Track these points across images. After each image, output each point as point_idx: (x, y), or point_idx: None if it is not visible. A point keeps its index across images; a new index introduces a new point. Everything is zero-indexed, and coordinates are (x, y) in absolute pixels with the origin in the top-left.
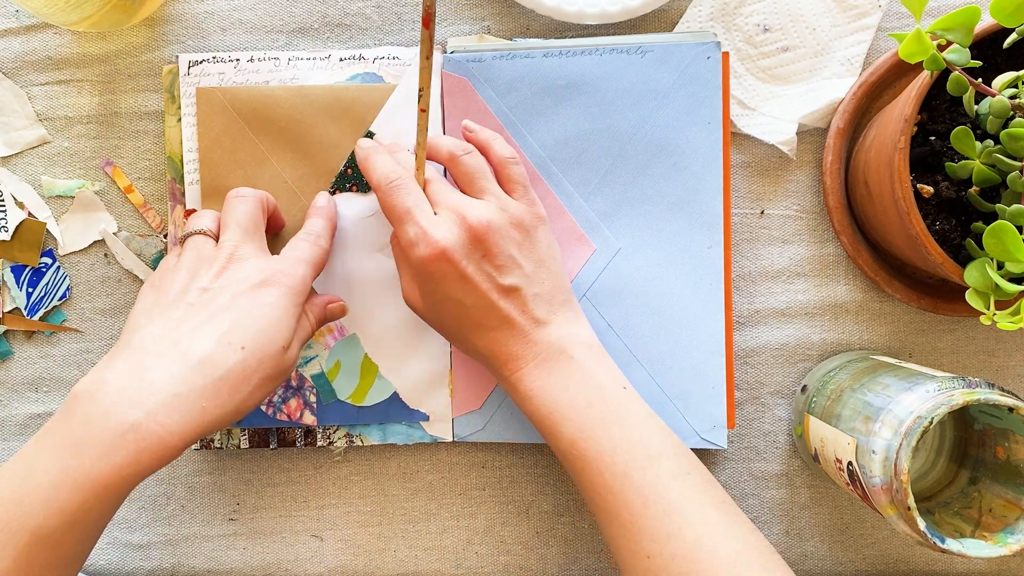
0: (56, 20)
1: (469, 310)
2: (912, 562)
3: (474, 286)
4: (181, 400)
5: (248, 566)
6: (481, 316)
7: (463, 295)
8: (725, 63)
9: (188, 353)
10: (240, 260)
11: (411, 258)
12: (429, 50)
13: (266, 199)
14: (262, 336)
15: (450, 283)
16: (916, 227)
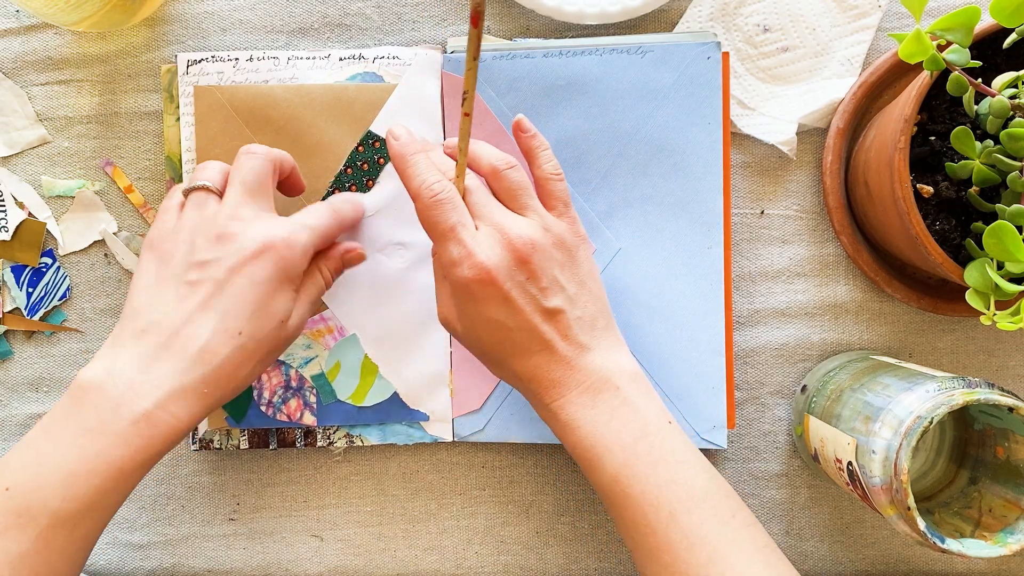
0: (56, 20)
1: (511, 333)
2: (912, 562)
3: (517, 308)
4: (185, 390)
5: (248, 566)
6: (523, 339)
7: (506, 317)
8: (725, 63)
9: (188, 345)
10: (240, 221)
11: (453, 277)
12: (477, 51)
13: (280, 159)
14: (257, 319)
15: (492, 305)
16: (916, 227)
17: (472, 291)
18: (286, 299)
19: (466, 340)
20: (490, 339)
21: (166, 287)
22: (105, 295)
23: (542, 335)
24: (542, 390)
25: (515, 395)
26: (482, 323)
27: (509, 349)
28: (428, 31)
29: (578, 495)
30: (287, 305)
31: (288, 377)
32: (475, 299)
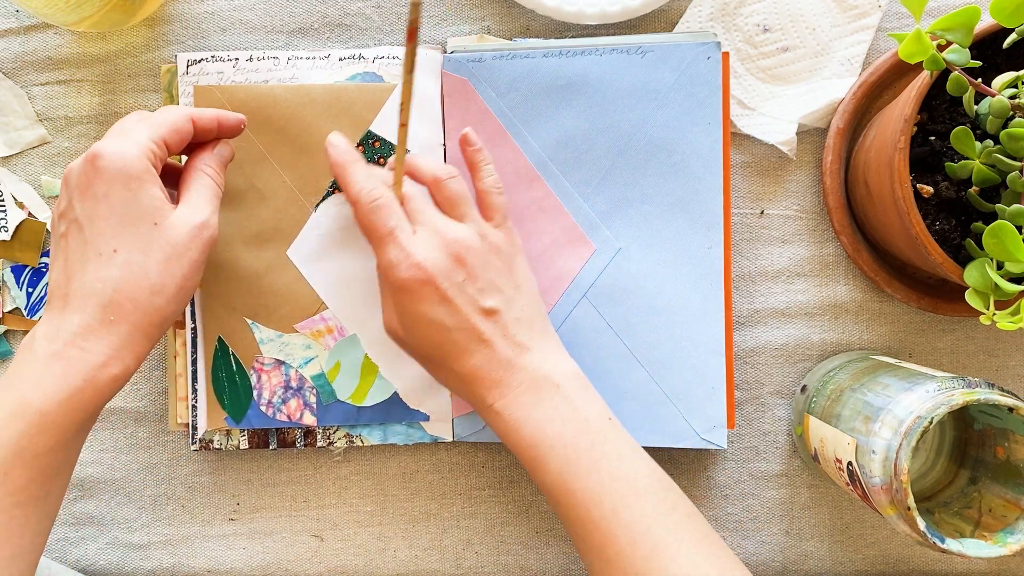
0: (56, 20)
1: (450, 333)
2: (912, 562)
3: (455, 308)
4: (90, 326)
5: (248, 566)
6: (462, 339)
7: (444, 317)
8: (725, 63)
9: (80, 288)
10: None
11: (392, 279)
12: (412, 64)
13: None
14: (121, 228)
15: (431, 305)
16: (916, 227)
17: (411, 291)
18: (142, 199)
19: (408, 344)
20: (430, 340)
21: (55, 252)
22: None
23: (481, 333)
24: (484, 390)
25: None
26: (423, 324)
27: (449, 349)
28: (428, 31)
29: None
30: (148, 205)
31: (288, 377)
32: (414, 299)
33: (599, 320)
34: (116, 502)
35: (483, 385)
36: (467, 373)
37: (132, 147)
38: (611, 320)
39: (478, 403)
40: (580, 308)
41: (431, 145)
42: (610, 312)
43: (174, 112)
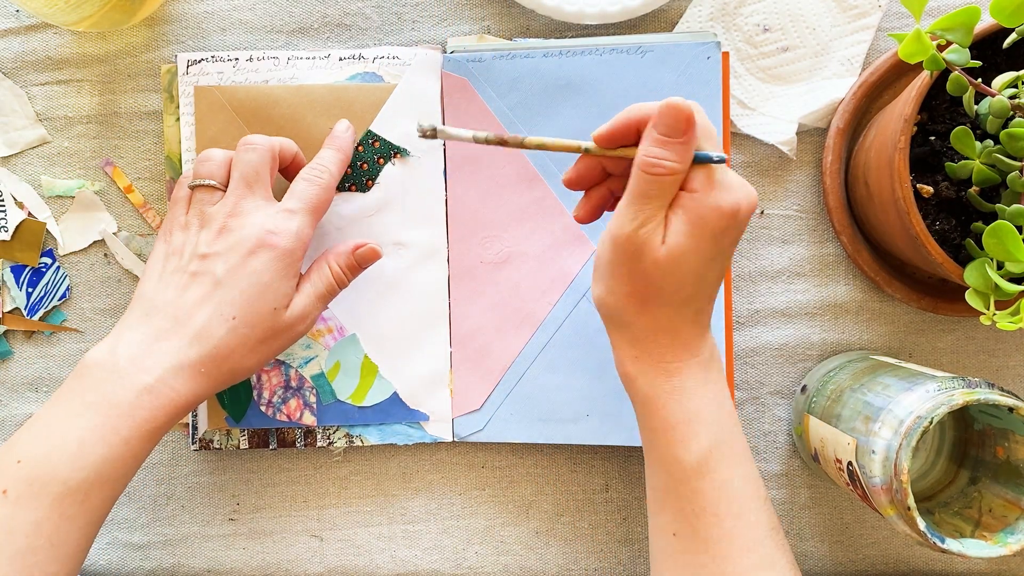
0: (56, 20)
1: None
2: (912, 562)
3: (722, 252)
4: (184, 367)
5: (248, 566)
6: (702, 292)
7: (713, 257)
8: (725, 63)
9: (187, 326)
10: (238, 216)
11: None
12: None
13: (279, 148)
14: (250, 304)
15: (715, 242)
16: (916, 227)
17: (718, 222)
18: (280, 286)
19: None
20: (684, 274)
21: (172, 278)
22: (105, 295)
23: (712, 299)
24: (675, 345)
25: (515, 395)
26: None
27: (685, 293)
28: (428, 31)
29: (578, 495)
30: (282, 292)
31: (288, 377)
32: (713, 230)
33: (599, 320)
34: (116, 502)
35: (680, 341)
36: (676, 324)
37: (296, 243)
38: None
39: (654, 356)
40: (580, 308)
41: (431, 146)
42: None
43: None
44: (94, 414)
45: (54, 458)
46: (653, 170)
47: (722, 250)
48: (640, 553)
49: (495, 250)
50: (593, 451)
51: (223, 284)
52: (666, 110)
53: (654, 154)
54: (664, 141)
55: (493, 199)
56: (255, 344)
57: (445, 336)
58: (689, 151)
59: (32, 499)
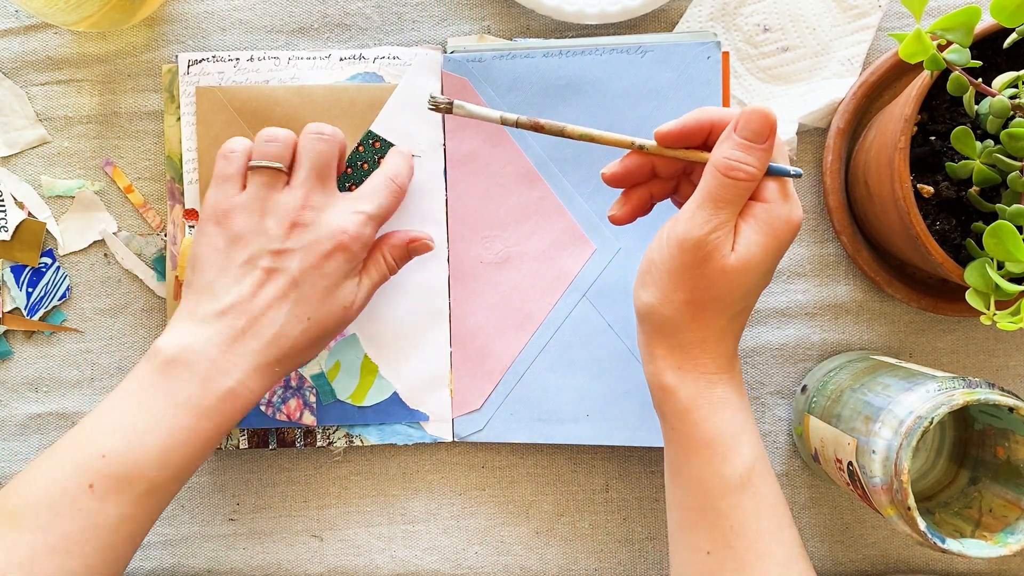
0: (56, 20)
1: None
2: (912, 562)
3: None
4: (261, 369)
5: (248, 566)
6: (750, 303)
7: (772, 266)
8: (725, 63)
9: (266, 329)
10: (311, 210)
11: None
12: None
13: (344, 141)
14: (324, 307)
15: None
16: (916, 227)
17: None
18: (351, 288)
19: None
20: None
21: (242, 270)
22: (105, 295)
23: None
24: (720, 356)
25: (515, 395)
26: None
27: (743, 304)
28: (428, 31)
29: (578, 495)
30: (352, 292)
31: (288, 377)
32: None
33: (599, 320)
34: None
35: (726, 352)
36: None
37: (363, 245)
38: (611, 320)
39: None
40: (580, 308)
41: (432, 145)
42: (610, 312)
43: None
44: (182, 416)
45: (142, 458)
46: (733, 173)
47: (779, 259)
48: (640, 553)
49: (495, 250)
50: (593, 451)
51: (299, 284)
52: (752, 115)
53: (736, 157)
54: (747, 146)
55: (493, 199)
56: (323, 340)
57: (445, 336)
58: (767, 158)
59: (118, 496)
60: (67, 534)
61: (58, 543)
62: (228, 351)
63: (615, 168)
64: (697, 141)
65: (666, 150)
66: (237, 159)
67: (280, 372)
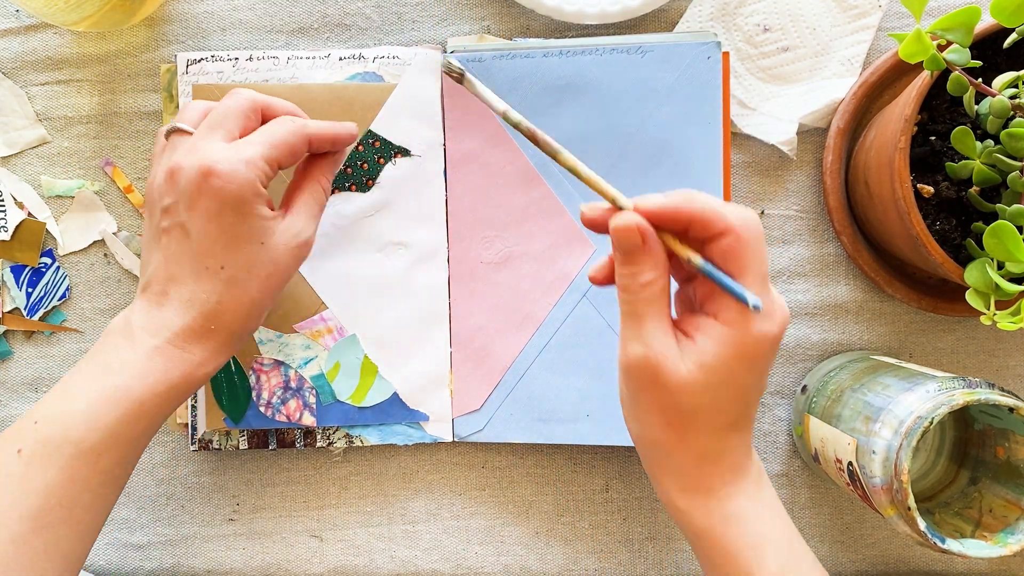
0: (56, 20)
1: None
2: (912, 562)
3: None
4: (191, 330)
5: (248, 566)
6: (745, 416)
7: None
8: (725, 63)
9: (180, 290)
10: (189, 155)
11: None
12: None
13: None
14: (232, 248)
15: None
16: (916, 227)
17: (760, 350)
18: (254, 220)
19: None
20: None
21: (152, 241)
22: (105, 295)
23: (753, 415)
24: (723, 472)
25: (515, 395)
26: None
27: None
28: (428, 31)
29: (578, 495)
30: (259, 224)
31: (287, 377)
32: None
33: (599, 320)
34: (116, 502)
35: (721, 467)
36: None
37: (245, 170)
38: (611, 320)
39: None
40: (580, 308)
41: (431, 145)
42: (610, 312)
43: (290, 130)
44: (107, 377)
45: (68, 419)
46: (629, 290)
47: (764, 371)
48: (640, 553)
49: (495, 250)
50: (593, 451)
51: (191, 234)
52: (614, 232)
53: (623, 274)
54: (625, 259)
55: (493, 199)
56: (259, 286)
57: (445, 336)
58: (657, 255)
59: (45, 459)
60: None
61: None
62: (154, 316)
63: (594, 213)
64: (677, 227)
65: None
66: (161, 135)
67: (221, 332)
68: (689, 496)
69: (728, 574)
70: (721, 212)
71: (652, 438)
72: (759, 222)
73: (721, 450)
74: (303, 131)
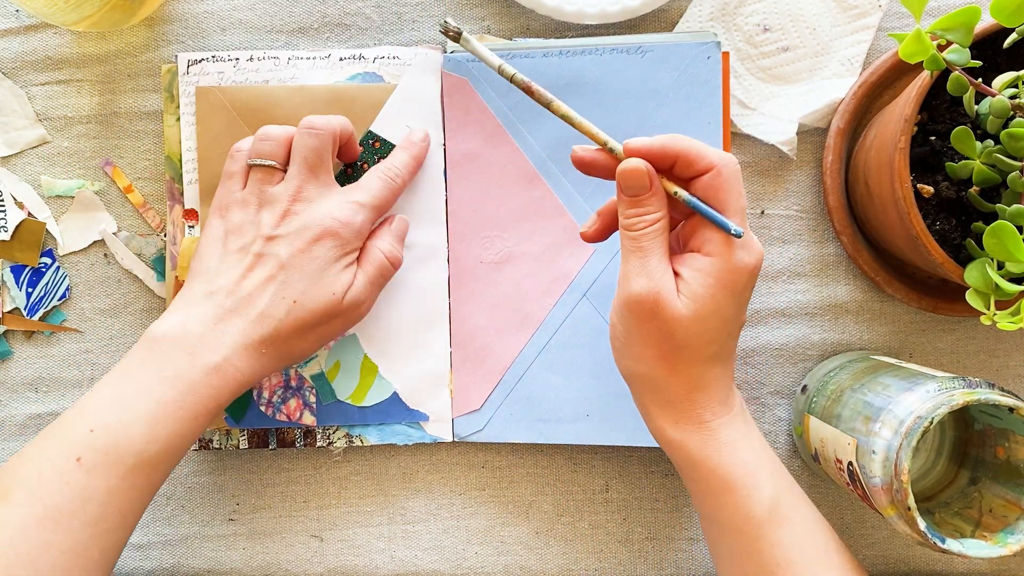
0: (56, 20)
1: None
2: (912, 562)
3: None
4: (248, 347)
5: (248, 566)
6: (727, 348)
7: (735, 313)
8: (725, 63)
9: (251, 309)
10: (303, 202)
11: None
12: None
13: (340, 130)
14: (310, 289)
15: (737, 299)
16: (916, 227)
17: (739, 279)
18: (341, 275)
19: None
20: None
21: (234, 257)
22: (105, 295)
23: (734, 350)
24: (711, 402)
25: (515, 395)
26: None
27: (712, 349)
28: (428, 31)
29: (578, 495)
30: (341, 280)
31: (288, 377)
32: (734, 288)
33: (599, 320)
34: None
35: (710, 396)
36: (707, 379)
37: (355, 233)
38: None
39: (691, 415)
40: (580, 308)
41: (432, 145)
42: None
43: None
44: (167, 389)
45: (130, 431)
46: (634, 231)
47: (743, 303)
48: (640, 553)
49: (495, 250)
50: (593, 451)
51: (287, 267)
52: (624, 173)
53: (628, 215)
54: (633, 201)
55: (493, 199)
56: (312, 327)
57: (445, 336)
58: (660, 201)
59: (107, 468)
60: (55, 507)
61: (46, 516)
62: (215, 328)
63: (587, 154)
64: (663, 166)
65: None
66: (241, 158)
67: (268, 355)
68: (682, 427)
69: (724, 501)
70: (705, 151)
71: (645, 372)
72: (737, 162)
73: (709, 379)
74: (400, 190)
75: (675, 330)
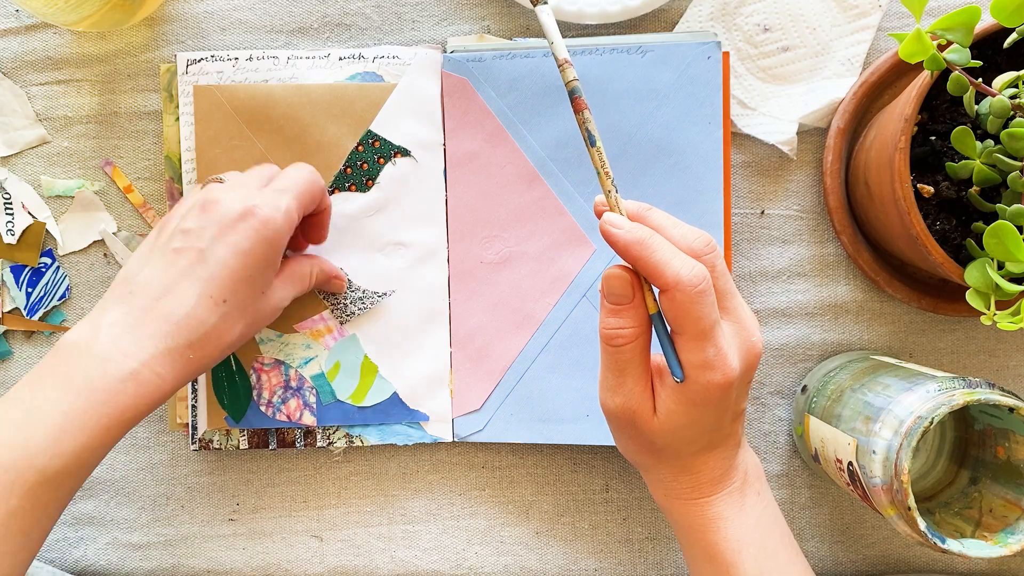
0: (56, 20)
1: (711, 434)
2: (912, 562)
3: (726, 411)
4: (171, 352)
5: (248, 566)
6: (716, 439)
7: (715, 419)
8: (725, 63)
9: (174, 310)
10: (227, 192)
11: (703, 380)
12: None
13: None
14: (241, 287)
15: (715, 410)
16: (916, 227)
17: (711, 397)
18: (269, 270)
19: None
20: (688, 438)
21: (154, 255)
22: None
23: (733, 433)
24: (700, 484)
25: (515, 395)
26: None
27: (696, 447)
28: (428, 31)
29: (578, 495)
30: (271, 274)
31: (288, 377)
32: (707, 404)
33: (599, 320)
34: (116, 502)
35: (702, 479)
36: (697, 466)
37: (282, 220)
38: None
39: (681, 494)
40: (580, 308)
41: (431, 145)
42: None
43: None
44: (74, 399)
45: (31, 446)
46: (612, 342)
47: (725, 408)
48: (640, 553)
49: (495, 250)
50: (593, 451)
51: (208, 261)
52: (609, 279)
53: (609, 325)
54: (615, 310)
55: (493, 199)
56: (244, 326)
57: (445, 336)
58: (641, 314)
59: (6, 489)
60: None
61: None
62: (133, 332)
63: None
64: None
65: None
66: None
67: (196, 361)
68: (671, 500)
69: (705, 570)
70: (664, 267)
71: (634, 458)
72: (704, 275)
73: (697, 465)
74: (322, 184)
75: (654, 439)
